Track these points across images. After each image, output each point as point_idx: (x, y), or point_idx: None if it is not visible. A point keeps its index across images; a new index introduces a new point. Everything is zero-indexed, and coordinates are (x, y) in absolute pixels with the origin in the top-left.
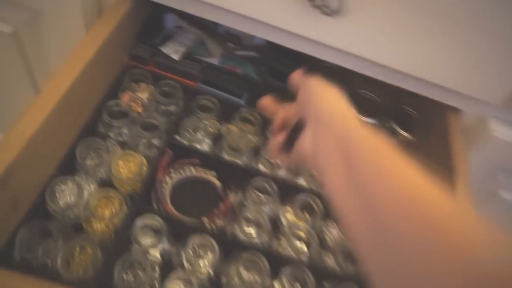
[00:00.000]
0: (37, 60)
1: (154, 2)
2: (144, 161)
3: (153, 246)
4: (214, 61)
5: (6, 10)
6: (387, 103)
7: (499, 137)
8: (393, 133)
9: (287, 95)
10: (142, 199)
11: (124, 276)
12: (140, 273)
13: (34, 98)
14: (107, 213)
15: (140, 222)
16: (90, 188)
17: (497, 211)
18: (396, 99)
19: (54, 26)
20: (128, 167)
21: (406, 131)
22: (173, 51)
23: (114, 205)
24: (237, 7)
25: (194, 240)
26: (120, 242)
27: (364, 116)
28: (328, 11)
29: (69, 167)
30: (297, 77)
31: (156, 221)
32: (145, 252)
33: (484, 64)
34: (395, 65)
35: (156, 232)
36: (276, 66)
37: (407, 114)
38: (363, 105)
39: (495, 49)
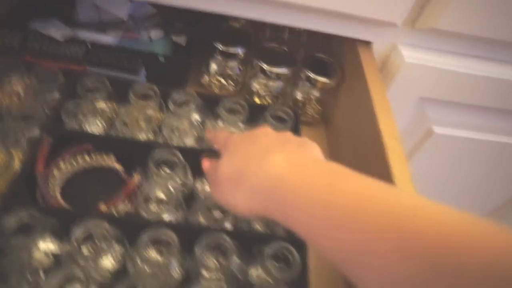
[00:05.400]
0: None
1: None
2: (19, 154)
3: (34, 245)
4: (109, 42)
5: None
6: (299, 54)
7: (413, 63)
8: (310, 82)
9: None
10: (12, 197)
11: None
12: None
13: None
14: None
15: (8, 221)
16: None
17: (435, 150)
18: (308, 46)
19: None
20: None
21: (322, 76)
22: (57, 34)
23: None
24: None
25: (86, 230)
26: None
27: (277, 68)
28: None
29: None
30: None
31: (33, 216)
32: (24, 257)
33: None
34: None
35: (36, 229)
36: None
37: (321, 61)
38: (274, 58)
39: None
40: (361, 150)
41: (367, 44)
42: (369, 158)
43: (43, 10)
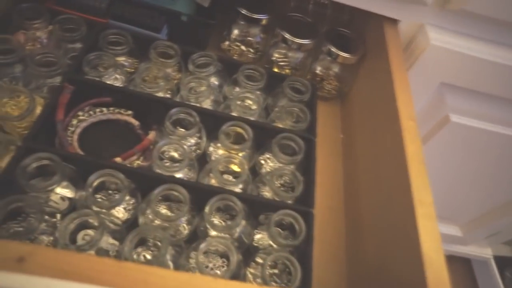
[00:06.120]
0: None
1: None
2: (41, 100)
3: (50, 188)
4: None
5: None
6: (322, 26)
7: (438, 46)
8: (331, 56)
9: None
10: (32, 140)
11: (14, 226)
12: (33, 220)
13: None
14: None
15: (29, 162)
16: None
17: (449, 137)
18: (332, 20)
19: None
20: (20, 107)
21: (344, 51)
22: None
23: (4, 150)
24: None
25: (103, 180)
26: (6, 190)
27: (299, 39)
28: None
29: None
30: None
31: (50, 160)
32: (40, 198)
33: None
34: None
35: (54, 173)
36: None
37: (344, 36)
38: (297, 29)
39: None
40: (377, 129)
41: (393, 22)
42: (384, 137)
43: None
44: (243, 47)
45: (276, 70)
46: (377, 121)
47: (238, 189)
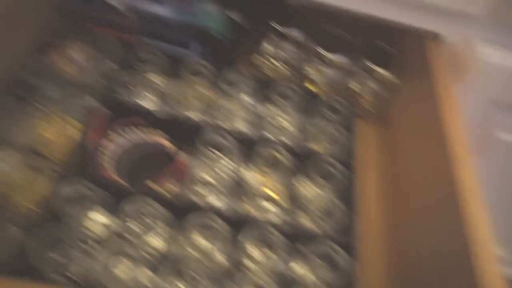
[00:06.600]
0: None
1: None
2: (76, 123)
3: (86, 216)
4: (163, 13)
5: None
6: (359, 40)
7: (488, 61)
8: (368, 73)
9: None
10: (72, 166)
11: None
12: (73, 250)
13: None
14: (33, 186)
15: (67, 190)
16: (10, 160)
17: (496, 157)
18: (369, 34)
19: None
20: (56, 131)
21: (382, 68)
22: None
23: (41, 176)
24: None
25: (137, 207)
26: (47, 217)
27: (334, 55)
28: None
29: None
30: None
31: (87, 187)
32: (77, 226)
33: None
34: None
35: (89, 200)
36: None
37: (381, 50)
38: (332, 43)
39: None
40: (422, 153)
41: (437, 35)
42: (431, 163)
43: None
44: (275, 62)
45: (309, 86)
46: (423, 144)
47: (273, 215)
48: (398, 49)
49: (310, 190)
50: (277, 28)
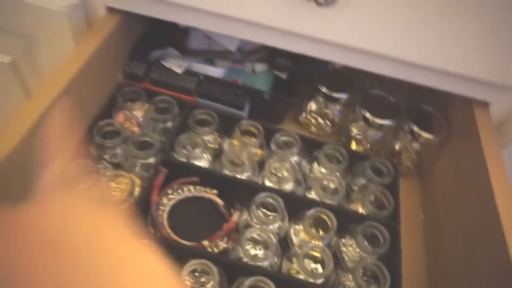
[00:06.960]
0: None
1: (145, 17)
2: (138, 181)
3: None
4: (217, 73)
5: (2, 40)
6: (403, 103)
7: None
8: (413, 136)
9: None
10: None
11: None
12: None
13: (11, 118)
14: None
15: None
16: None
17: None
18: (413, 98)
19: (48, 51)
20: (120, 189)
21: (427, 132)
22: (176, 65)
23: None
24: (223, 8)
25: (192, 267)
26: None
27: (379, 119)
28: (324, 1)
29: None
30: None
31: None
32: None
33: (510, 43)
34: (404, 55)
35: None
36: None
37: (427, 113)
38: (377, 107)
39: None
40: (468, 219)
41: (483, 102)
42: (480, 233)
43: (161, 37)
44: (320, 120)
45: (354, 145)
46: (469, 210)
47: (321, 278)
48: (441, 110)
49: (354, 253)
50: (325, 91)
